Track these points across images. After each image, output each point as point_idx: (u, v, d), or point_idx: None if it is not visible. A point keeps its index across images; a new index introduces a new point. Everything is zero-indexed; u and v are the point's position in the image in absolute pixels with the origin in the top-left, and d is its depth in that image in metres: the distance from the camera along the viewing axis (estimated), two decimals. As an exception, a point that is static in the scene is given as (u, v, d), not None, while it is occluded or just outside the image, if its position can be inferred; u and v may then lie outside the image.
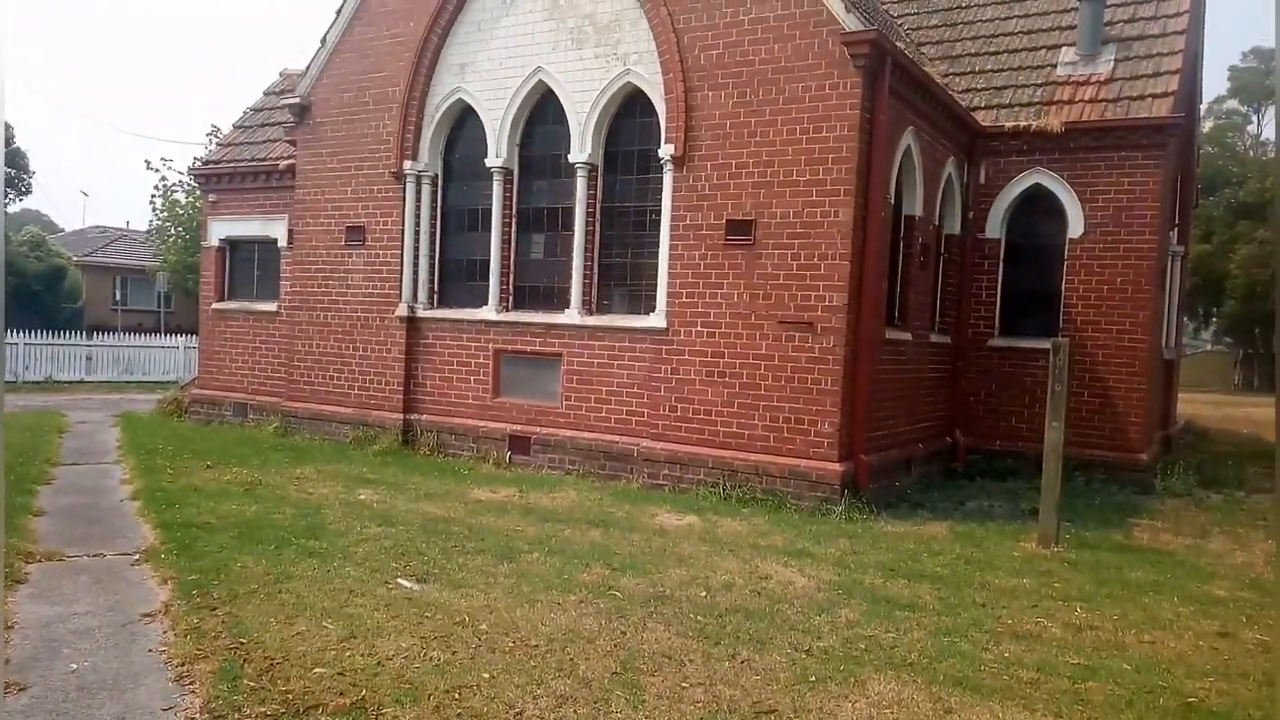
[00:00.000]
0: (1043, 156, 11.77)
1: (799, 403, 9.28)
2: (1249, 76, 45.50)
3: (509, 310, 11.42)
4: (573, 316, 10.76)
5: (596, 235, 10.87)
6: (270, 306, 14.26)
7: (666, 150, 10.03)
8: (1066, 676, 4.93)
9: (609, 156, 10.84)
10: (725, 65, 9.71)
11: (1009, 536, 8.30)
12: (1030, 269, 12.05)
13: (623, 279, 10.81)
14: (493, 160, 11.39)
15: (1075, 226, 11.60)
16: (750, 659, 4.98)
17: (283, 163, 13.97)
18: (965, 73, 13.07)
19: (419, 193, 12.02)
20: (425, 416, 11.88)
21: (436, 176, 12.07)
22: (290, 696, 4.26)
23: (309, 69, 12.90)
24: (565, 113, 10.84)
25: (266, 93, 16.57)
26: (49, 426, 13.51)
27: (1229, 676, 5.04)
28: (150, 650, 4.84)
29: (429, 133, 11.89)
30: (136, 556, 6.63)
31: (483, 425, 11.37)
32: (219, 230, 15.02)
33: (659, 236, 10.20)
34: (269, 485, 9.29)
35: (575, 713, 4.24)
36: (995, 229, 12.13)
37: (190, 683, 4.43)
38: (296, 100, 12.93)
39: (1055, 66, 12.43)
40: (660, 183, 10.22)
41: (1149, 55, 11.93)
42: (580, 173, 10.76)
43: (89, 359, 23.62)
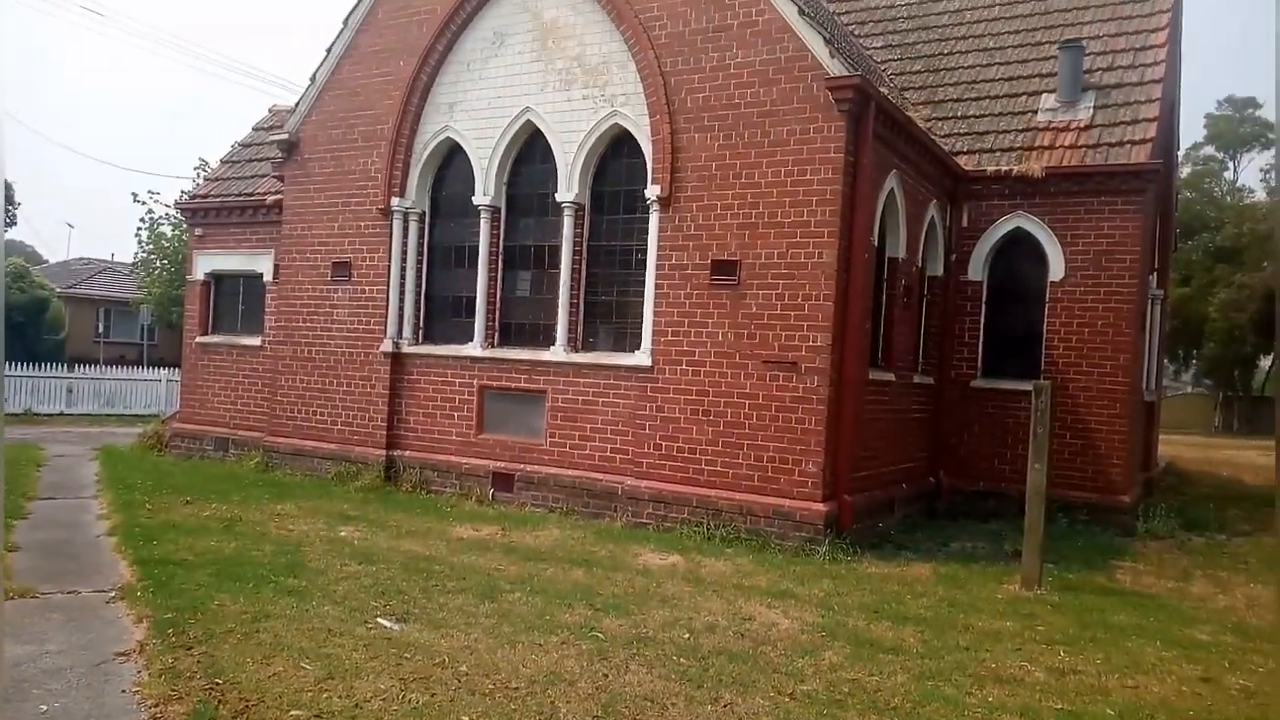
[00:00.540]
0: (1024, 200, 11.94)
1: (783, 442, 9.29)
2: (1224, 124, 46.57)
3: (494, 346, 11.43)
4: (558, 353, 10.78)
5: (583, 273, 10.92)
6: (254, 341, 14.21)
7: (653, 191, 10.12)
8: (1050, 721, 4.91)
9: (596, 196, 10.93)
10: (711, 108, 9.84)
11: (992, 578, 8.29)
12: (1012, 311, 12.16)
13: (608, 317, 10.85)
14: (480, 198, 11.47)
15: (1056, 269, 11.74)
16: (733, 703, 4.94)
17: (270, 198, 14.00)
18: (948, 117, 13.29)
19: (406, 229, 12.06)
20: (408, 453, 11.82)
21: (424, 213, 12.13)
22: (265, 739, 4.19)
23: (298, 106, 13.00)
24: (553, 152, 10.94)
25: (255, 128, 16.66)
26: (26, 460, 13.34)
27: (1212, 722, 5.04)
28: (123, 691, 4.75)
29: (417, 170, 11.96)
30: (112, 594, 6.53)
31: (466, 462, 11.32)
32: (205, 264, 15.00)
33: (645, 275, 10.26)
34: (249, 521, 9.20)
35: (555, 757, 4.18)
36: (978, 271, 12.26)
37: (163, 725, 4.35)
38: (285, 136, 13.01)
39: (1036, 113, 12.65)
40: (646, 222, 10.30)
41: (1127, 103, 12.17)
42: (567, 212, 10.84)
43: (70, 391, 23.39)
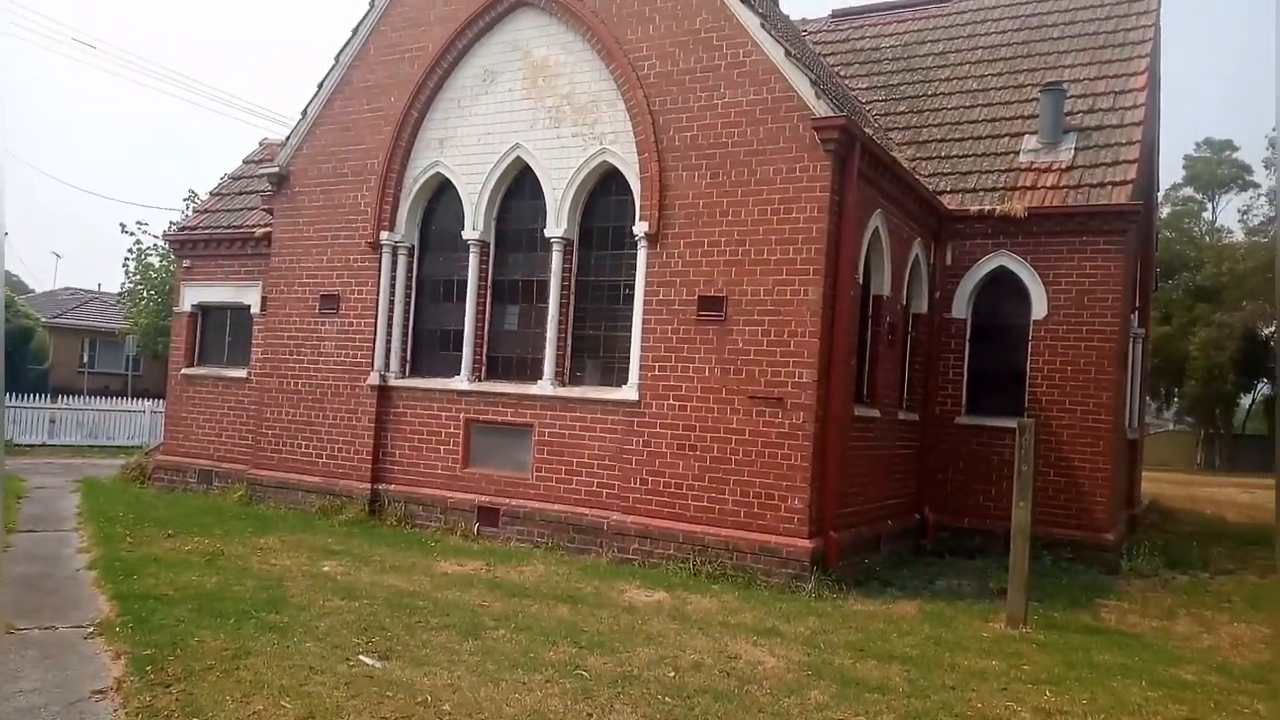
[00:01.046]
0: (1007, 240, 12.09)
1: (769, 478, 9.30)
2: (1203, 165, 47.43)
3: (482, 380, 11.43)
4: (545, 387, 10.78)
5: (570, 308, 10.97)
6: (240, 373, 14.16)
7: (641, 227, 10.20)
8: (1035, 762, 4.90)
9: (584, 231, 11.01)
10: (699, 146, 9.96)
11: (978, 616, 8.29)
12: (996, 349, 12.26)
13: (596, 351, 10.88)
14: (469, 233, 11.53)
15: (1039, 308, 11.87)
16: (718, 742, 4.91)
17: (259, 230, 14.03)
18: (932, 158, 13.49)
19: (395, 263, 12.10)
20: (393, 486, 11.76)
21: (413, 247, 12.17)
22: (244, 780, 4.14)
23: (289, 140, 13.08)
24: (542, 188, 11.03)
25: (245, 161, 16.76)
26: (7, 491, 13.17)
27: (1196, 763, 5.04)
28: (100, 730, 4.70)
29: (406, 204, 12.02)
30: (90, 629, 6.45)
31: (451, 496, 11.27)
32: (192, 295, 14.98)
33: (632, 310, 10.31)
34: (231, 556, 9.11)
35: (538, 798, 4.14)
36: (961, 309, 12.38)
37: (140, 765, 4.29)
38: (275, 169, 13.06)
39: (1018, 154, 12.86)
40: (634, 258, 10.37)
41: (1108, 144, 12.40)
42: (556, 247, 10.90)
43: (53, 421, 23.11)
